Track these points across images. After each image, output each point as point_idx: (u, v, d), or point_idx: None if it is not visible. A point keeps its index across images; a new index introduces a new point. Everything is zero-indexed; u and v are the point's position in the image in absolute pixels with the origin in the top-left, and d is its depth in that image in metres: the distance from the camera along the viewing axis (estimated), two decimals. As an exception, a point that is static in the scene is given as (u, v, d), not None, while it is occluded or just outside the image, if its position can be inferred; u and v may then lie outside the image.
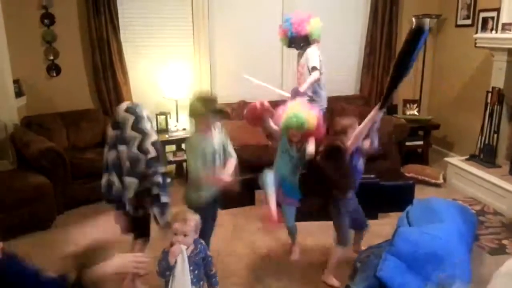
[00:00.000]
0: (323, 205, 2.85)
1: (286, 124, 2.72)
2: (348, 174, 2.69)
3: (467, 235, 2.93)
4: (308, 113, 2.72)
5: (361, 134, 2.64)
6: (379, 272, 2.58)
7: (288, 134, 2.78)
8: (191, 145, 2.59)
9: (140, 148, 2.48)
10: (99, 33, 4.44)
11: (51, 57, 4.48)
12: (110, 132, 2.55)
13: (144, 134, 2.49)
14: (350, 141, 2.64)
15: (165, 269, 2.09)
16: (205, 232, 2.45)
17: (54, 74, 4.52)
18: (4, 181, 3.58)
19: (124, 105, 2.58)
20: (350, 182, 2.73)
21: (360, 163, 2.78)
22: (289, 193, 2.90)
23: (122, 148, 2.49)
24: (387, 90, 2.61)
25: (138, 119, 2.49)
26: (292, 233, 3.14)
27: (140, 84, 4.81)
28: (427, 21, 4.87)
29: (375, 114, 2.63)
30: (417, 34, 2.39)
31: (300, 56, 3.95)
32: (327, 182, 2.67)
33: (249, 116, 2.87)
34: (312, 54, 3.75)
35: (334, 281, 2.84)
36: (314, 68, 3.71)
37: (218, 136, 2.59)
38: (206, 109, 2.47)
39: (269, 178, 2.87)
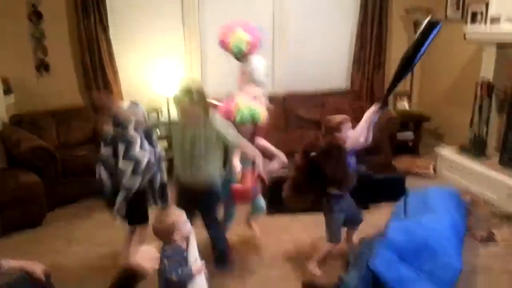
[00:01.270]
0: (315, 200, 2.84)
1: (241, 119, 2.77)
2: (347, 172, 2.71)
3: (461, 224, 2.96)
4: (258, 107, 2.83)
5: (361, 134, 2.64)
6: (371, 263, 2.60)
7: (241, 130, 2.77)
8: (171, 132, 2.66)
9: (142, 147, 2.61)
10: (88, 30, 4.42)
11: (40, 55, 4.44)
12: (110, 130, 2.60)
13: (147, 133, 2.66)
14: (350, 140, 2.65)
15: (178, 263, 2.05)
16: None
17: (43, 72, 4.48)
18: (-6, 179, 3.55)
19: (126, 104, 2.62)
20: (349, 179, 2.75)
21: (353, 161, 2.79)
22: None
23: (121, 147, 2.56)
24: (392, 83, 2.65)
25: (140, 120, 2.62)
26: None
27: (130, 80, 4.78)
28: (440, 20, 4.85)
29: (374, 113, 2.64)
30: (431, 26, 2.48)
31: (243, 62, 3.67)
32: (325, 180, 2.68)
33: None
34: (257, 68, 3.55)
35: (316, 270, 2.85)
36: (260, 83, 3.48)
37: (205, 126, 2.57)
38: (188, 100, 2.47)
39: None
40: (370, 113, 2.66)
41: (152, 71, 4.73)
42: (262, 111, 2.85)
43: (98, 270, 2.93)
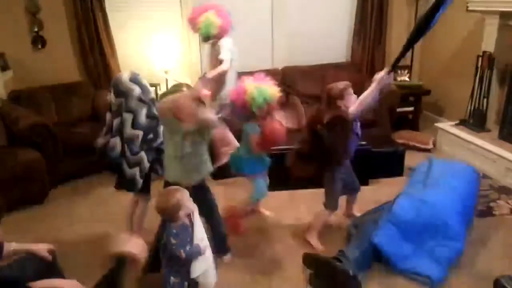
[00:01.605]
0: (318, 172, 2.86)
1: (256, 105, 2.75)
2: (349, 143, 2.75)
3: (471, 201, 2.97)
4: (267, 86, 2.81)
5: (367, 99, 2.61)
6: (374, 238, 2.64)
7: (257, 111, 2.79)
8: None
9: (149, 115, 2.64)
10: (83, 3, 4.32)
11: (36, 29, 4.36)
12: (114, 100, 2.63)
13: (151, 103, 2.66)
14: (355, 106, 2.62)
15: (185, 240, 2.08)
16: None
17: (40, 47, 4.42)
18: (-6, 157, 3.56)
19: (127, 74, 2.65)
20: (349, 151, 2.80)
21: (358, 127, 2.80)
22: (256, 167, 2.99)
23: (127, 116, 2.60)
24: (403, 49, 2.63)
25: (143, 90, 2.63)
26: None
27: (128, 55, 4.73)
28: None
29: (382, 78, 2.61)
30: None
31: (213, 45, 3.76)
32: (327, 151, 2.71)
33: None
34: (223, 46, 3.62)
35: (315, 241, 2.91)
36: (223, 61, 3.57)
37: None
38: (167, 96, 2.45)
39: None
40: (379, 77, 2.62)
41: (150, 46, 4.67)
42: (272, 90, 2.83)
43: (100, 246, 2.97)
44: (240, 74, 4.68)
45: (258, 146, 2.83)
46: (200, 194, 2.57)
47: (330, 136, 2.67)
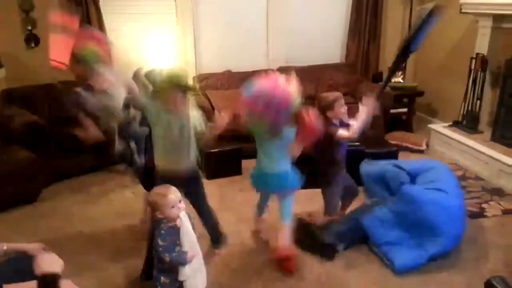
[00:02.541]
0: (311, 173, 2.87)
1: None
2: (336, 156, 2.81)
3: (461, 197, 2.99)
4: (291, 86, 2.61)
5: (360, 127, 2.62)
6: (362, 217, 2.81)
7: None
8: (156, 114, 2.46)
9: None
10: (77, 2, 4.29)
11: (29, 27, 4.33)
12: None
13: None
14: (349, 133, 2.64)
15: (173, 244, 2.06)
16: None
17: (33, 45, 4.39)
18: (-13, 156, 3.54)
19: (143, 70, 2.62)
20: (337, 169, 2.85)
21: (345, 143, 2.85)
22: (286, 183, 2.66)
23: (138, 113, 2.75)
24: (389, 74, 2.76)
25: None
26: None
27: (123, 54, 4.70)
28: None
29: (372, 104, 2.63)
30: (432, 14, 2.49)
31: None
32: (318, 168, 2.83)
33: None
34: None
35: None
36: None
37: (188, 113, 2.52)
38: (171, 85, 2.38)
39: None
40: (368, 108, 2.63)
41: (145, 47, 4.65)
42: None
43: (95, 245, 2.98)
44: (236, 74, 4.77)
45: (304, 139, 2.56)
46: (197, 186, 2.64)
47: (319, 153, 2.77)
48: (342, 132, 2.67)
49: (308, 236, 2.88)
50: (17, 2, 4.22)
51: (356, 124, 2.63)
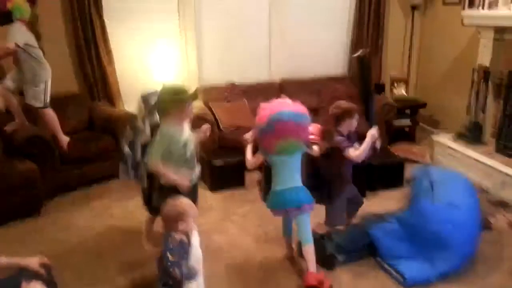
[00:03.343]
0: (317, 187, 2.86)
1: None
2: (344, 174, 2.83)
3: (477, 214, 2.94)
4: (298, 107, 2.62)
5: (364, 153, 2.67)
6: (371, 229, 2.79)
7: None
8: (165, 135, 2.45)
9: None
10: (81, 13, 4.33)
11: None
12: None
13: None
14: (354, 158, 2.68)
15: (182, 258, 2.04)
16: None
17: (39, 57, 4.41)
18: (-9, 168, 3.53)
19: (151, 94, 2.69)
20: (345, 180, 2.86)
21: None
22: (302, 199, 2.61)
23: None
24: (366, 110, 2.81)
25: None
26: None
27: (126, 66, 4.72)
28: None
29: (374, 135, 2.71)
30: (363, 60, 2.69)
31: None
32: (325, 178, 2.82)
33: None
34: (13, 31, 3.39)
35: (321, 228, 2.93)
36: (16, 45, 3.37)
37: (187, 127, 2.58)
38: (184, 98, 2.44)
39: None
40: (372, 134, 2.70)
41: (148, 56, 4.68)
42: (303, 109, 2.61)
43: (99, 257, 2.96)
44: (239, 87, 4.78)
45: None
46: (195, 196, 2.65)
47: (326, 167, 2.79)
48: (349, 151, 2.68)
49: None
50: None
51: (362, 147, 2.67)
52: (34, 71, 3.54)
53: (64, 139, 3.68)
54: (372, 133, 2.70)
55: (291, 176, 2.58)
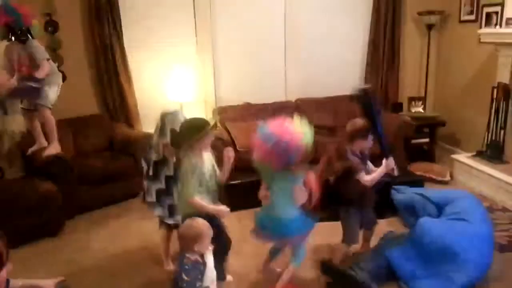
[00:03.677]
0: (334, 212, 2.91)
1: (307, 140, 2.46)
2: (364, 191, 2.78)
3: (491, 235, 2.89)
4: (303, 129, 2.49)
5: (377, 178, 2.70)
6: (388, 252, 2.76)
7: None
8: (190, 167, 2.45)
9: None
10: (102, 39, 4.48)
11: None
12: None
13: None
14: (367, 182, 2.68)
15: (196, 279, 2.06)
16: None
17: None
18: (12, 188, 3.63)
19: (173, 115, 2.82)
20: (367, 197, 2.84)
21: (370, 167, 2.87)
22: (306, 225, 2.60)
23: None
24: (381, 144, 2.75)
25: None
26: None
27: (144, 88, 4.83)
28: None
29: (389, 164, 2.72)
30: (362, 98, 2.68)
31: (15, 49, 3.26)
32: (343, 199, 2.80)
33: None
34: (39, 47, 3.31)
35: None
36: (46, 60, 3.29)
37: (207, 155, 2.61)
38: (207, 132, 2.50)
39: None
40: (388, 164, 2.72)
41: (165, 78, 4.77)
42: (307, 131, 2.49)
43: (111, 278, 2.97)
44: (254, 106, 4.81)
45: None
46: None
47: (343, 187, 2.77)
48: (362, 175, 2.68)
49: (338, 279, 2.75)
50: (45, 41, 4.39)
51: (374, 176, 2.70)
52: (51, 77, 3.54)
53: (56, 146, 3.52)
54: (388, 163, 2.71)
55: (283, 205, 2.55)
